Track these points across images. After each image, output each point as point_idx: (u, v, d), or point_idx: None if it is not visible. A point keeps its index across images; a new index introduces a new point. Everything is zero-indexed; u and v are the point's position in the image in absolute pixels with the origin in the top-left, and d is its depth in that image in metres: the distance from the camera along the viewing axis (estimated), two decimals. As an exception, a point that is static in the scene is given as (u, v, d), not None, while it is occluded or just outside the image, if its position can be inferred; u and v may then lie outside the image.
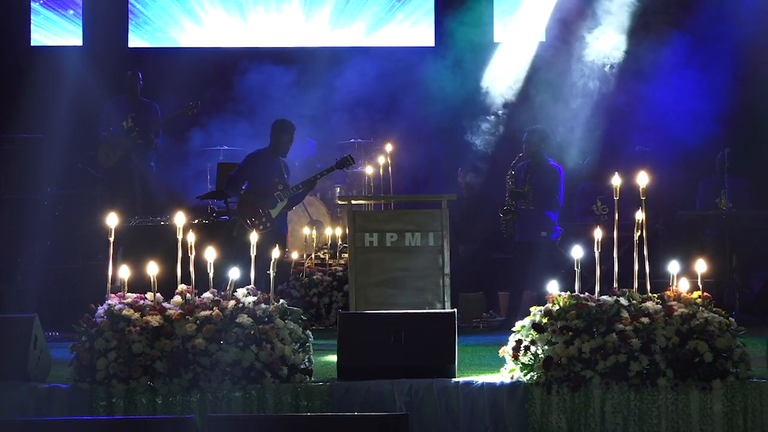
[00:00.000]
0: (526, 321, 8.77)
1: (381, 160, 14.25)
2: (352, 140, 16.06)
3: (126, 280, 8.98)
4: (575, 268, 8.84)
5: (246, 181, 12.69)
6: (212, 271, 8.95)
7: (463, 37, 15.56)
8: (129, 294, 8.96)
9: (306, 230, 14.49)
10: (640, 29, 14.77)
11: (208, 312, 8.75)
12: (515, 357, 8.68)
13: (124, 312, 8.74)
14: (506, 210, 12.89)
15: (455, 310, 9.46)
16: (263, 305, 8.87)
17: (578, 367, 8.46)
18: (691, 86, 14.64)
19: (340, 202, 14.24)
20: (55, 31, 16.54)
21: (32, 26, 16.51)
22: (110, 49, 16.41)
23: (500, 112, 15.18)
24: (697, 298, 8.75)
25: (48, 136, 14.82)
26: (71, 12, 16.55)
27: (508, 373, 8.72)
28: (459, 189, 14.49)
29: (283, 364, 8.66)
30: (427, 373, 8.76)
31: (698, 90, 14.58)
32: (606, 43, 14.82)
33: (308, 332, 9.02)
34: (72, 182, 14.94)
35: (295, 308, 9.11)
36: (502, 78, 15.36)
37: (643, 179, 8.98)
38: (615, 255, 8.89)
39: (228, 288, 8.99)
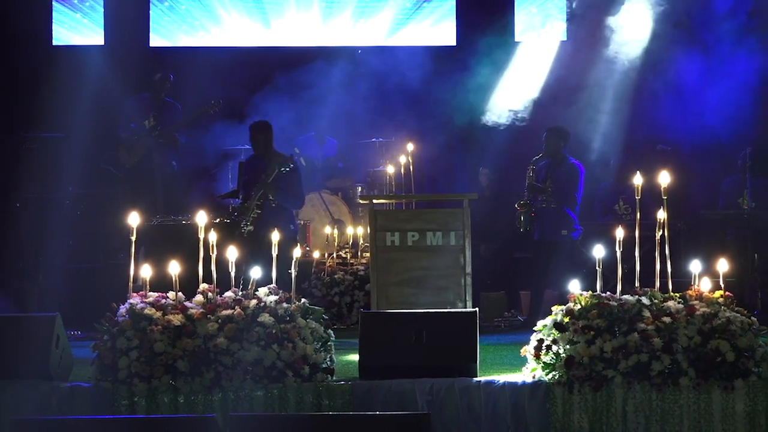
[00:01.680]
0: (548, 320, 8.75)
1: (402, 159, 14.22)
2: (373, 139, 16.06)
3: (148, 279, 9.00)
4: (597, 268, 8.82)
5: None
6: (234, 270, 8.96)
7: (485, 36, 15.54)
8: (151, 293, 8.97)
9: (327, 229, 14.50)
10: (663, 28, 14.71)
11: (229, 311, 8.75)
12: (537, 356, 8.67)
13: (146, 311, 8.74)
14: (522, 204, 12.84)
15: (477, 309, 9.44)
16: (285, 304, 8.87)
17: (600, 367, 8.44)
18: (714, 86, 14.59)
19: (361, 202, 14.23)
20: (77, 30, 16.57)
21: (54, 26, 16.54)
22: (132, 48, 16.43)
23: (521, 111, 15.16)
24: (719, 298, 8.72)
25: (70, 136, 14.87)
26: (88, 4, 16.56)
27: (530, 372, 8.70)
28: (480, 188, 14.48)
29: (304, 363, 8.66)
30: (448, 373, 8.74)
31: (721, 89, 14.52)
32: (628, 42, 14.78)
33: (330, 331, 9.00)
34: (94, 181, 14.97)
35: (316, 307, 9.11)
36: (523, 77, 15.35)
37: (664, 178, 8.95)
38: (637, 254, 8.87)
39: (249, 287, 9.00)
